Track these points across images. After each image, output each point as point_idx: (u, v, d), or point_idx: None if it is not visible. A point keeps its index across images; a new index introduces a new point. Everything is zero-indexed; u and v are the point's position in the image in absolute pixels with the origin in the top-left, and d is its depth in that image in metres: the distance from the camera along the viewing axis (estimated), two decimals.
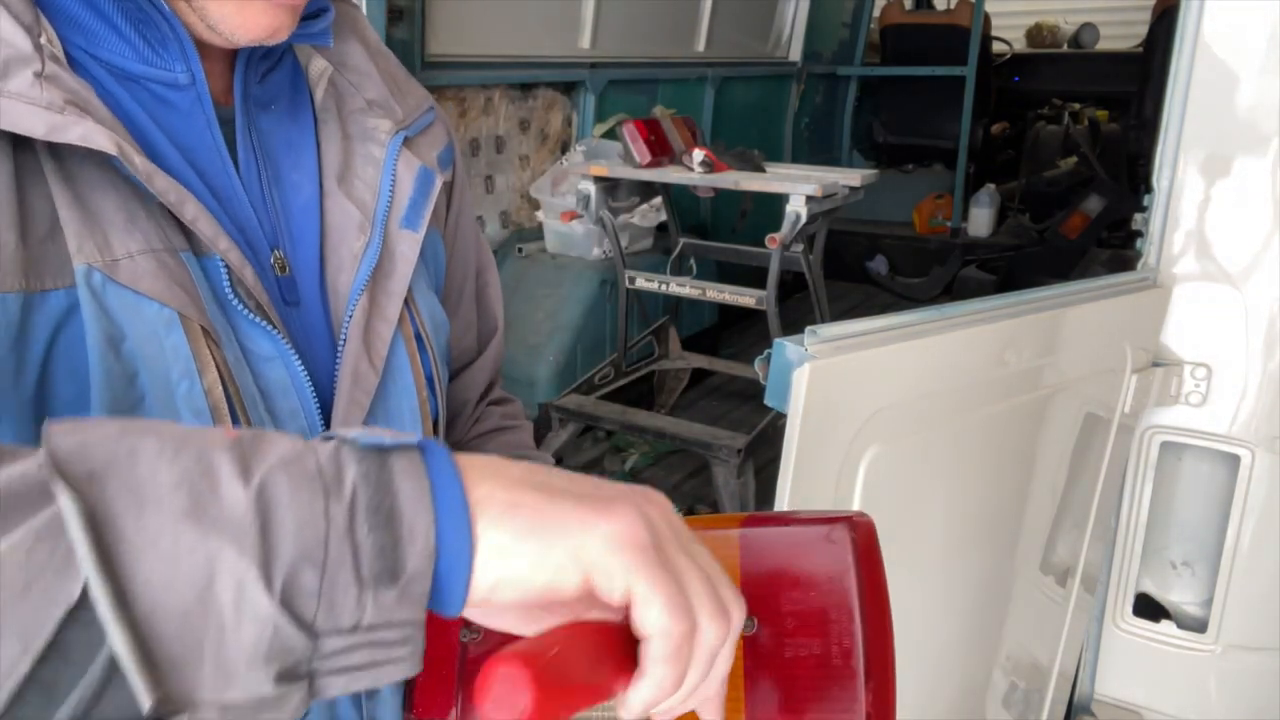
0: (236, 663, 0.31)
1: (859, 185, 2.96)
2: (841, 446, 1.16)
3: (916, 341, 1.23)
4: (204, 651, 0.30)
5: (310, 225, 0.63)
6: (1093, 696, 1.88)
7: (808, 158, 5.42)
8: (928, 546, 1.39)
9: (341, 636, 0.33)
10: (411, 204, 0.65)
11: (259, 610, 0.31)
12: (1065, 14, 6.99)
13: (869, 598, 0.51)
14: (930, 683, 1.52)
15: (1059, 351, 1.46)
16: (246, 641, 0.31)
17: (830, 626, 0.50)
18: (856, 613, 0.50)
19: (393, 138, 0.66)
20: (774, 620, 0.51)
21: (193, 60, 0.57)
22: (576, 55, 3.77)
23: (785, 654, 0.50)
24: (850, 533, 0.53)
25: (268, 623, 0.31)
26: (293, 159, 0.63)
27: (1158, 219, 1.64)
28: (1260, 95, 1.53)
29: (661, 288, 3.20)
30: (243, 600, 0.31)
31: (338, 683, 0.34)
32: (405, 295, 0.65)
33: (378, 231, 0.63)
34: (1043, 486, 1.58)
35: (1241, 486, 1.66)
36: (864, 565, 0.52)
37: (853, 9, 5.83)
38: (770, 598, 0.51)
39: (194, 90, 0.58)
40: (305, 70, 0.67)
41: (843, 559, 0.52)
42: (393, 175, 0.65)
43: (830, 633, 0.50)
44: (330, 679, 0.33)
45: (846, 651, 0.50)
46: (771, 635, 0.51)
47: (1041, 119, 5.88)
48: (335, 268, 0.63)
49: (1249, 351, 1.62)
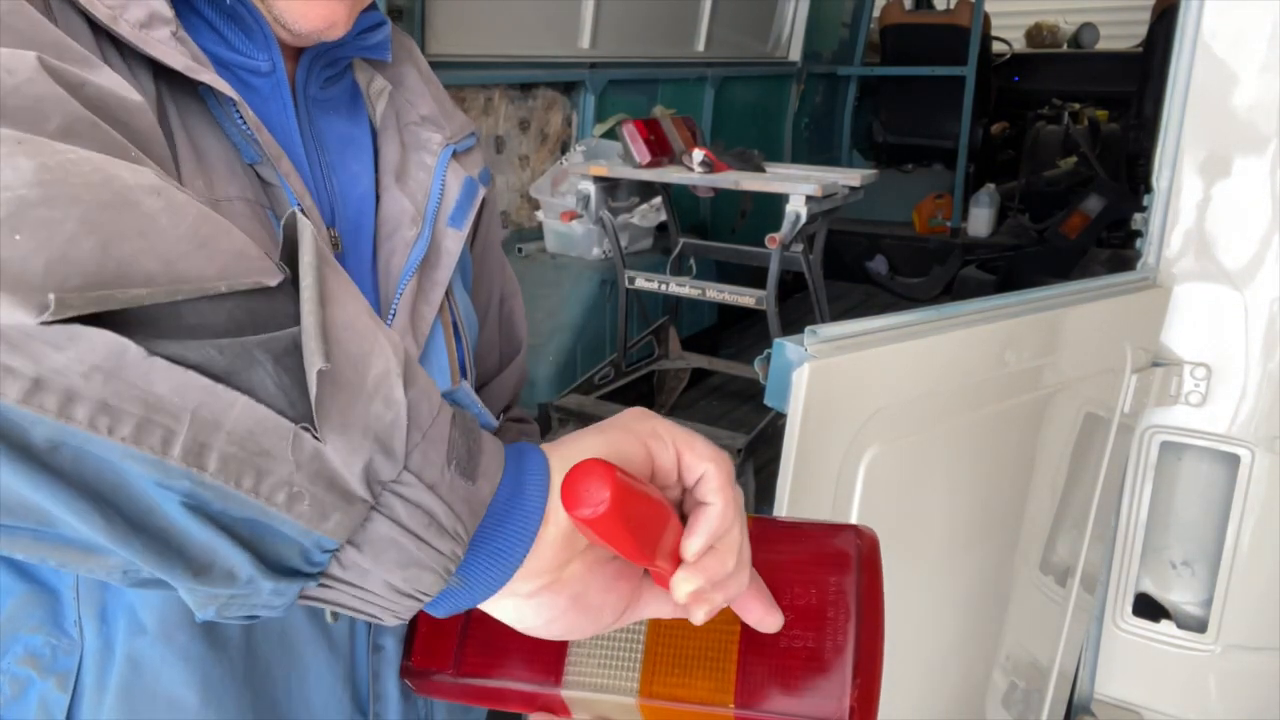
0: (356, 421, 0.37)
1: (859, 185, 2.96)
2: (841, 446, 1.16)
3: (916, 341, 1.23)
4: (345, 393, 0.37)
5: (367, 212, 0.70)
6: (1092, 696, 1.88)
7: (808, 158, 5.42)
8: (927, 546, 1.39)
9: (415, 487, 0.39)
10: (458, 206, 0.73)
11: (392, 396, 0.39)
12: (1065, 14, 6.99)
13: (867, 601, 0.54)
14: (930, 682, 1.52)
15: (1059, 351, 1.46)
16: (373, 411, 0.38)
17: (827, 623, 0.54)
18: (854, 612, 0.54)
19: (444, 149, 0.74)
20: None
21: (274, 51, 0.64)
22: (576, 55, 3.77)
23: (780, 644, 0.53)
24: (856, 539, 0.57)
25: (393, 410, 0.39)
26: (353, 152, 0.71)
27: (1158, 219, 1.64)
28: (1260, 95, 1.53)
29: (661, 288, 3.20)
30: (384, 382, 0.39)
31: (382, 530, 0.39)
32: (447, 286, 0.71)
33: (428, 226, 0.70)
34: (1042, 486, 1.58)
35: (1241, 486, 1.66)
36: (866, 571, 0.55)
37: (853, 9, 5.84)
38: (773, 590, 0.55)
39: (274, 77, 0.65)
40: (365, 89, 0.75)
41: (847, 561, 0.56)
42: (442, 180, 0.73)
43: (826, 628, 0.53)
44: (381, 522, 0.39)
45: (839, 647, 0.53)
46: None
47: (1041, 119, 5.88)
48: (388, 252, 0.69)
49: (1249, 351, 1.62)
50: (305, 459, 0.36)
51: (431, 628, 0.61)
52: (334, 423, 0.37)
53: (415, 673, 0.61)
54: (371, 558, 0.39)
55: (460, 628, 0.60)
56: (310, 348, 0.36)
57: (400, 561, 0.39)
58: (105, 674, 0.56)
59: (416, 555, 0.39)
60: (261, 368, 0.36)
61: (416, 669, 0.61)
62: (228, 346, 0.35)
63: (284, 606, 0.39)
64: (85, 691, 0.56)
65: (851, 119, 6.10)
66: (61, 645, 0.56)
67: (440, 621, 0.60)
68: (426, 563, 0.40)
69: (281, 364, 0.36)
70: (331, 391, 0.37)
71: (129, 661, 0.56)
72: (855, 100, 6.07)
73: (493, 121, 3.55)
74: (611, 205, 3.13)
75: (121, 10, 0.54)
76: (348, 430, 0.37)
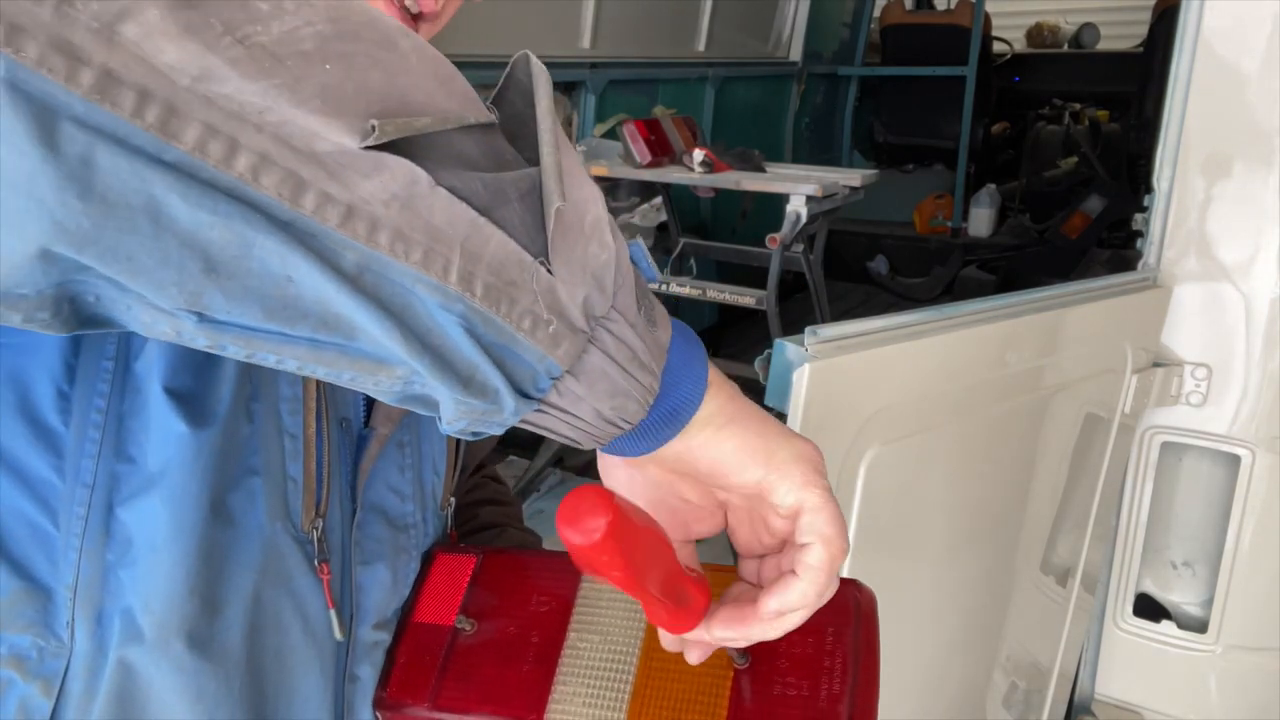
0: (578, 259, 0.40)
1: (859, 185, 2.96)
2: (841, 447, 1.16)
3: (916, 341, 1.23)
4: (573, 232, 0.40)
5: None
6: (1093, 696, 1.88)
7: (808, 158, 5.41)
8: (928, 546, 1.39)
9: (620, 324, 0.42)
10: None
11: (605, 238, 0.42)
12: (1065, 14, 6.99)
13: (864, 653, 0.54)
14: (931, 682, 1.52)
15: (1059, 351, 1.45)
16: (590, 251, 0.41)
17: (823, 672, 0.53)
18: (851, 664, 0.53)
19: None
20: (769, 660, 0.54)
21: None
22: (576, 55, 3.77)
23: (774, 691, 0.53)
24: (856, 593, 0.56)
25: (606, 252, 0.42)
26: None
27: (1158, 219, 1.64)
28: (1260, 95, 1.53)
29: (662, 288, 3.20)
30: (599, 225, 0.42)
31: (595, 361, 0.42)
32: None
33: None
34: (1043, 487, 1.58)
35: (1242, 486, 1.66)
36: (864, 624, 0.55)
37: (853, 9, 5.83)
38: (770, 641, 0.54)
39: None
40: None
41: (846, 614, 0.55)
42: None
43: (821, 678, 0.53)
44: (595, 354, 0.42)
45: (835, 697, 0.52)
46: (763, 673, 0.54)
47: (1042, 119, 5.87)
48: None
49: (1249, 351, 1.62)
50: (543, 290, 0.39)
51: (410, 658, 0.59)
52: (563, 258, 0.40)
53: (389, 704, 0.59)
54: (586, 385, 0.42)
55: (440, 659, 0.58)
56: (550, 188, 0.39)
57: (610, 391, 0.42)
58: (95, 680, 0.54)
59: (623, 385, 0.43)
60: (510, 205, 0.39)
61: (390, 700, 0.59)
62: (490, 181, 0.38)
63: (507, 426, 0.43)
64: (71, 698, 0.54)
65: (852, 119, 6.09)
66: (50, 647, 0.53)
67: (419, 652, 0.59)
68: (631, 392, 0.43)
69: (525, 201, 0.39)
70: (561, 230, 0.40)
71: (121, 668, 0.54)
72: (856, 100, 6.07)
73: None
74: (612, 205, 3.13)
75: None
76: (571, 266, 0.40)
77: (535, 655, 0.56)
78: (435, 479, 0.71)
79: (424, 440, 0.70)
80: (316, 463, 0.59)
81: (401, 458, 0.67)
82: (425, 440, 0.70)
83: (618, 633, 0.57)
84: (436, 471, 0.72)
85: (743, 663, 0.54)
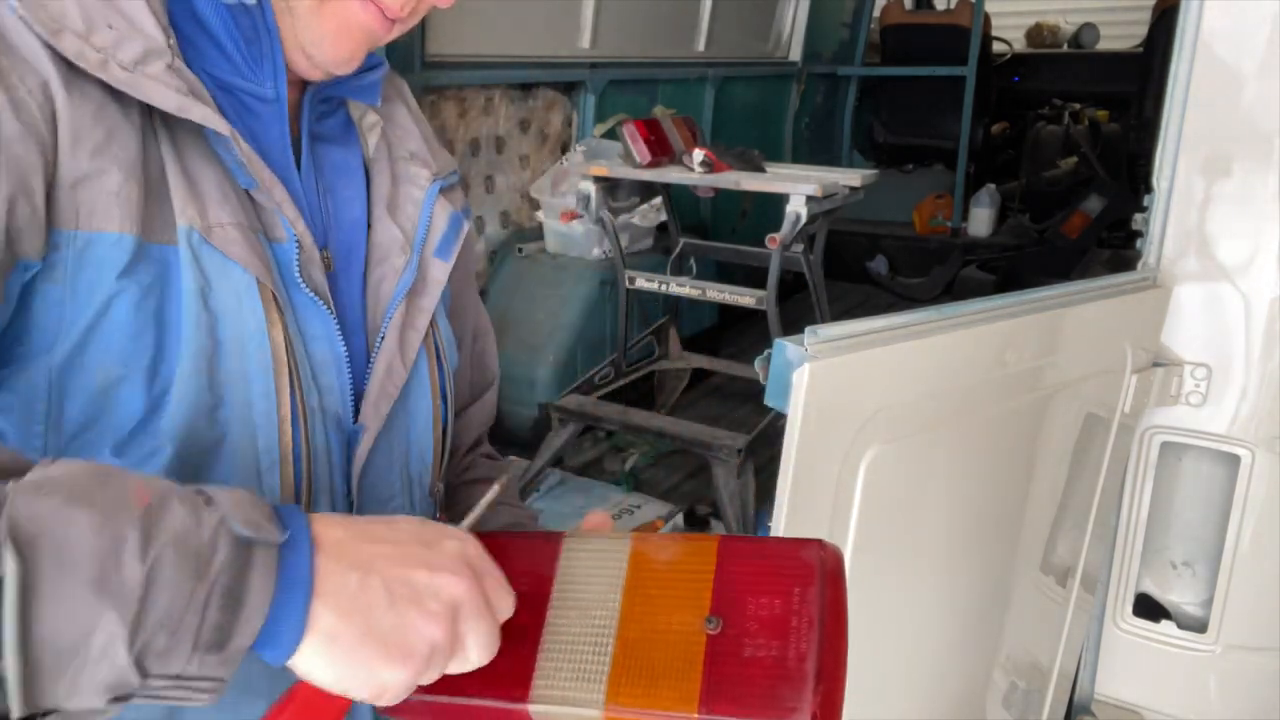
0: (85, 688, 0.41)
1: (859, 185, 2.96)
2: (841, 446, 1.16)
3: (916, 341, 1.23)
4: (65, 676, 0.40)
5: (359, 237, 0.73)
6: (1093, 696, 1.88)
7: (808, 158, 5.42)
8: (928, 546, 1.39)
9: (166, 680, 0.44)
10: (444, 238, 0.77)
11: (116, 660, 0.41)
12: (1065, 14, 6.99)
13: (830, 611, 0.55)
14: (931, 682, 1.52)
15: (1059, 352, 1.46)
16: (98, 677, 0.41)
17: (790, 632, 0.54)
18: (817, 621, 0.54)
19: (431, 184, 0.78)
20: (738, 622, 0.56)
21: (280, 80, 0.67)
22: (576, 55, 3.77)
23: (744, 653, 0.54)
24: (821, 551, 0.58)
25: (118, 669, 0.42)
26: (345, 179, 0.75)
27: (1158, 219, 1.64)
28: (1260, 95, 1.53)
29: (661, 288, 3.20)
30: (107, 652, 0.41)
31: (146, 703, 0.44)
32: (432, 314, 0.75)
33: (415, 255, 0.75)
34: (1043, 486, 1.58)
35: (1241, 486, 1.66)
36: (830, 582, 0.56)
37: (853, 9, 5.84)
38: (738, 601, 0.56)
39: (277, 105, 0.68)
40: (358, 123, 0.78)
41: (811, 573, 0.57)
42: (430, 214, 0.77)
43: (790, 637, 0.54)
44: (143, 700, 0.44)
45: (802, 655, 0.53)
46: (734, 635, 0.55)
47: (1041, 119, 5.88)
48: (379, 277, 0.73)
49: (1249, 351, 1.62)
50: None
51: None
52: (56, 705, 0.41)
53: None
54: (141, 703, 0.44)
55: None
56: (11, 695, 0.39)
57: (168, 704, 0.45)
58: None
59: (181, 704, 0.45)
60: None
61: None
62: None
63: None
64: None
65: (852, 119, 6.10)
66: None
67: None
68: (191, 701, 0.45)
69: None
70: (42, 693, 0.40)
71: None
72: (856, 100, 6.07)
73: (493, 122, 3.55)
74: (612, 205, 3.13)
75: (113, 51, 0.57)
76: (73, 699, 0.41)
77: (518, 635, 0.58)
78: (422, 467, 0.76)
79: (411, 430, 0.75)
80: (295, 474, 0.64)
81: (390, 449, 0.72)
82: (412, 430, 0.75)
83: (596, 607, 0.59)
84: (424, 460, 0.76)
85: (714, 628, 0.55)
